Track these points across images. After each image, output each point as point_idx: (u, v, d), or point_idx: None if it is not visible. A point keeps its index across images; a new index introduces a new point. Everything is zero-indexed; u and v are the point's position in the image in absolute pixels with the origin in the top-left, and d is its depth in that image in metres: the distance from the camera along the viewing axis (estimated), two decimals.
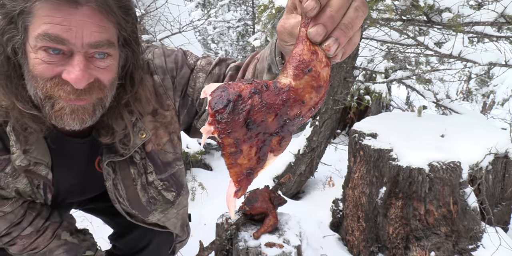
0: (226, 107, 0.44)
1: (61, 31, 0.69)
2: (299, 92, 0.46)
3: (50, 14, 0.68)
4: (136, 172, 1.03)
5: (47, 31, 0.69)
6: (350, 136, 2.20)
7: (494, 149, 1.91)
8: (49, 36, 0.69)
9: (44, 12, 0.68)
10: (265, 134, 0.47)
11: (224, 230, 1.61)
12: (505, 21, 1.85)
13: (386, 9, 1.93)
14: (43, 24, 0.69)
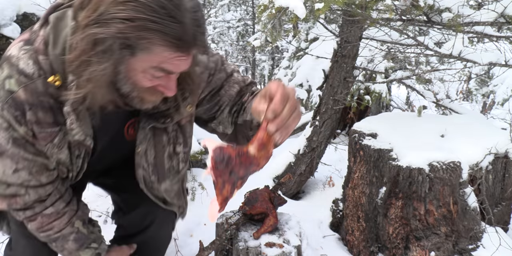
0: (222, 162, 0.82)
1: (172, 68, 0.87)
2: (258, 159, 0.83)
3: (165, 56, 0.83)
4: (167, 141, 1.16)
5: (164, 67, 0.85)
6: (350, 136, 2.20)
7: (494, 149, 1.91)
8: (164, 70, 0.86)
9: (161, 51, 0.82)
10: (236, 178, 0.84)
11: (224, 230, 1.61)
12: (505, 21, 1.85)
13: (386, 9, 1.93)
14: (158, 60, 0.83)
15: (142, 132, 1.10)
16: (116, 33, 0.77)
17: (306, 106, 6.26)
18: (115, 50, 0.80)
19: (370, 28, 2.53)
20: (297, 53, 6.94)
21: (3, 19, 2.51)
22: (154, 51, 0.81)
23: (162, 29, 0.78)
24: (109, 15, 0.77)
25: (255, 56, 12.36)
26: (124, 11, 0.76)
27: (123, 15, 0.76)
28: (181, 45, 0.82)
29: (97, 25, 0.78)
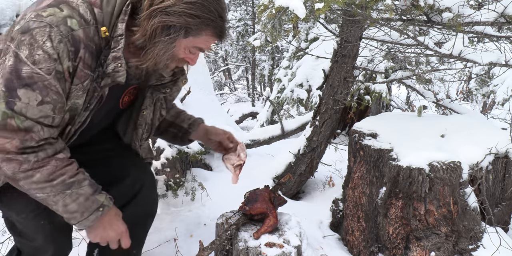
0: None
1: (205, 48, 1.24)
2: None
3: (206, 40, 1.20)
4: (159, 106, 1.47)
5: (201, 47, 1.22)
6: (350, 136, 2.20)
7: (494, 149, 1.91)
8: (200, 49, 1.24)
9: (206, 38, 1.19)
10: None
11: (224, 230, 1.61)
12: (506, 21, 1.85)
13: (386, 9, 1.93)
14: (200, 43, 1.20)
15: (149, 99, 1.40)
16: (185, 24, 1.13)
17: (306, 106, 6.26)
18: (180, 34, 1.15)
19: (370, 28, 2.53)
20: (297, 53, 6.94)
21: (3, 19, 2.51)
22: (202, 37, 1.19)
23: (214, 25, 1.17)
24: (178, 9, 1.10)
25: (255, 56, 12.36)
26: (192, 9, 1.12)
27: (192, 12, 1.12)
28: (220, 35, 1.21)
29: (166, 14, 1.10)
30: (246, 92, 15.43)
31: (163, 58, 1.19)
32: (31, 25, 1.06)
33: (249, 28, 12.83)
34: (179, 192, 2.55)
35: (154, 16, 1.11)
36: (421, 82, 2.90)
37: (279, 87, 6.83)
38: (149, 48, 1.16)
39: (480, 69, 6.50)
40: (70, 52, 1.08)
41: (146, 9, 1.12)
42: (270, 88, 11.81)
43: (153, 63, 1.20)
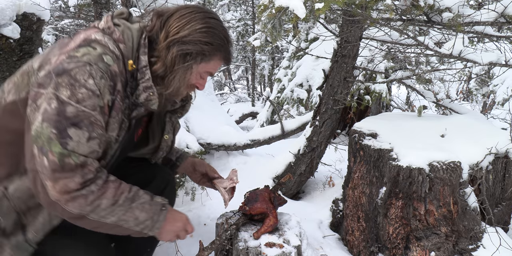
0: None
1: (214, 72, 1.37)
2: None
3: (216, 64, 1.34)
4: (177, 129, 1.60)
5: (211, 71, 1.35)
6: (350, 136, 2.20)
7: (494, 149, 1.91)
8: (210, 73, 1.37)
9: (215, 62, 1.33)
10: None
11: (224, 230, 1.61)
12: (506, 21, 1.85)
13: (386, 9, 1.93)
14: (211, 67, 1.34)
15: (169, 124, 1.52)
16: (200, 51, 1.26)
17: (306, 106, 6.26)
18: (196, 60, 1.27)
19: (370, 28, 2.53)
20: (297, 53, 6.94)
21: (3, 19, 2.50)
22: (212, 62, 1.32)
23: (225, 50, 1.32)
24: (194, 38, 1.24)
25: (255, 56, 12.35)
26: (206, 37, 1.25)
27: (206, 40, 1.26)
28: (228, 59, 1.36)
29: (182, 43, 1.23)
30: (246, 92, 15.42)
31: (183, 84, 1.31)
32: (66, 66, 1.11)
33: (249, 28, 12.83)
34: (179, 192, 2.56)
35: (172, 46, 1.23)
36: (421, 82, 2.90)
37: (279, 87, 6.83)
38: (170, 76, 1.27)
39: (480, 69, 6.50)
40: (110, 87, 1.16)
41: (163, 40, 1.24)
42: (270, 88, 11.81)
43: (175, 89, 1.31)
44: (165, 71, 1.27)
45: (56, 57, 1.14)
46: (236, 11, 13.73)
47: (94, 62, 1.13)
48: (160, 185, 1.60)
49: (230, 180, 1.65)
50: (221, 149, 3.60)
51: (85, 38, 1.18)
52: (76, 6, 8.87)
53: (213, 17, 1.30)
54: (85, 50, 1.14)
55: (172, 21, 1.25)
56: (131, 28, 1.26)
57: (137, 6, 3.72)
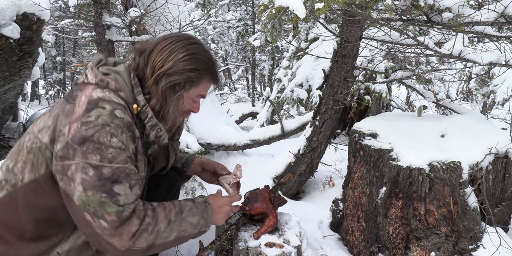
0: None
1: (205, 94, 1.42)
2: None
3: (205, 87, 1.40)
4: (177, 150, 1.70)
5: (203, 94, 1.41)
6: (350, 136, 2.20)
7: (494, 149, 1.91)
8: (202, 96, 1.41)
9: (205, 85, 1.38)
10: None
11: (224, 230, 1.61)
12: (506, 21, 1.85)
13: (386, 9, 1.93)
14: (201, 91, 1.39)
15: (172, 151, 1.61)
16: (187, 78, 1.31)
17: (306, 106, 6.26)
18: (186, 88, 1.32)
19: (370, 28, 2.53)
20: (297, 53, 6.94)
21: (3, 19, 2.51)
22: (203, 85, 1.37)
23: (211, 72, 1.37)
24: (178, 68, 1.28)
25: (255, 56, 12.35)
26: (191, 64, 1.30)
27: (191, 67, 1.30)
28: (217, 80, 1.42)
29: (169, 75, 1.28)
30: (246, 92, 15.43)
31: (178, 114, 1.37)
32: (85, 134, 1.15)
33: (249, 28, 12.83)
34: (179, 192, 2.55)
35: (160, 80, 1.28)
36: (421, 82, 2.90)
37: (279, 87, 6.83)
38: (165, 109, 1.34)
39: (480, 69, 6.50)
40: (131, 137, 1.23)
41: (151, 76, 1.29)
42: (270, 88, 11.81)
43: (172, 120, 1.38)
44: (160, 106, 1.33)
45: (67, 127, 1.17)
46: (236, 11, 13.73)
47: (110, 121, 1.18)
48: (168, 188, 1.70)
49: (234, 176, 1.66)
50: (221, 149, 3.60)
51: (89, 100, 1.21)
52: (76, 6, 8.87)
53: (193, 43, 1.34)
54: (96, 112, 1.18)
55: (155, 56, 1.29)
56: (119, 72, 1.31)
57: (137, 6, 3.72)
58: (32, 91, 16.70)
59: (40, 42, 2.96)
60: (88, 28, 11.79)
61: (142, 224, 1.19)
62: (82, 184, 1.13)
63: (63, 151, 1.15)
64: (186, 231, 1.31)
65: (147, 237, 1.20)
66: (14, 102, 3.36)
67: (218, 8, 12.51)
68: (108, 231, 1.14)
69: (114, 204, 1.14)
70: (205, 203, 1.39)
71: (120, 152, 1.18)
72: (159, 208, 1.27)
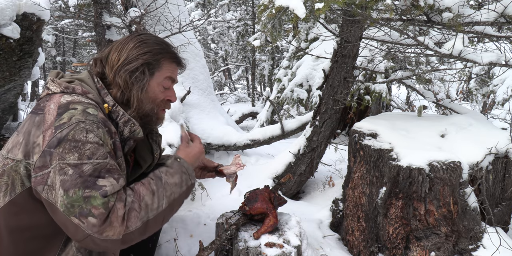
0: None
1: (174, 76, 1.44)
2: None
3: (169, 68, 1.40)
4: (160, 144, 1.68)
5: (170, 75, 1.41)
6: (350, 136, 2.20)
7: (494, 149, 1.91)
8: (171, 78, 1.42)
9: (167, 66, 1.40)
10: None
11: (224, 230, 1.61)
12: (506, 21, 1.85)
13: (386, 9, 1.93)
14: (166, 72, 1.39)
15: (154, 144, 1.60)
16: (143, 62, 1.33)
17: (306, 106, 6.26)
18: (145, 72, 1.34)
19: (370, 28, 2.53)
20: (297, 53, 6.94)
21: (3, 19, 2.50)
22: (165, 66, 1.38)
23: (167, 51, 1.39)
24: (133, 56, 1.32)
25: (255, 56, 12.35)
26: (143, 49, 1.34)
27: (144, 51, 1.33)
28: (177, 58, 1.42)
29: (126, 64, 1.31)
30: (246, 92, 15.42)
31: (145, 100, 1.37)
32: (60, 135, 1.13)
33: (249, 28, 12.83)
34: None
35: (118, 72, 1.32)
36: (421, 82, 2.91)
37: (279, 87, 6.83)
38: (129, 95, 1.35)
39: (480, 69, 6.50)
40: (107, 132, 1.22)
41: (110, 72, 1.34)
42: (270, 88, 11.80)
43: (139, 106, 1.37)
44: (122, 94, 1.34)
45: (41, 136, 1.15)
46: (236, 11, 13.73)
47: (84, 118, 1.17)
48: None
49: (237, 165, 1.66)
50: (221, 149, 3.60)
51: (59, 105, 1.20)
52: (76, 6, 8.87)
53: (142, 34, 1.40)
54: (68, 114, 1.17)
55: (111, 56, 1.35)
56: (82, 78, 1.34)
57: (137, 6, 3.72)
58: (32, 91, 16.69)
59: (40, 42, 2.96)
60: (88, 28, 11.79)
61: (125, 205, 1.17)
62: (62, 186, 1.10)
63: (41, 160, 1.13)
64: (174, 192, 1.30)
65: (136, 215, 1.17)
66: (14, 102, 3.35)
67: (218, 8, 12.51)
68: (97, 228, 1.11)
69: (100, 196, 1.11)
70: (176, 159, 1.40)
71: (98, 147, 1.16)
72: (137, 185, 1.25)
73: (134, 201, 1.19)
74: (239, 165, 1.65)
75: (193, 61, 4.15)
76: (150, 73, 1.35)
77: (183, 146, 1.51)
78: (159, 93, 1.40)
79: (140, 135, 1.37)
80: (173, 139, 2.80)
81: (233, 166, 1.67)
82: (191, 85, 3.94)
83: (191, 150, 1.49)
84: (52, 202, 1.12)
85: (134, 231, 1.17)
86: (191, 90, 3.86)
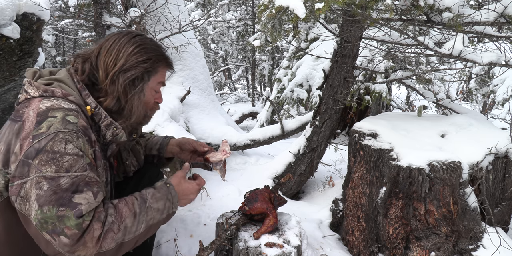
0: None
1: (164, 80, 1.43)
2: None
3: (163, 74, 1.41)
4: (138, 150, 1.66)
5: (162, 80, 1.41)
6: (350, 136, 2.20)
7: (494, 149, 1.91)
8: (161, 83, 1.42)
9: (162, 72, 1.40)
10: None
11: (224, 230, 1.61)
12: (506, 21, 1.85)
13: (386, 9, 1.93)
14: (159, 78, 1.39)
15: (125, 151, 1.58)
16: (144, 70, 1.31)
17: (306, 106, 6.26)
18: (145, 80, 1.33)
19: (370, 28, 2.53)
20: (297, 53, 6.94)
21: (3, 19, 2.50)
22: (160, 72, 1.38)
23: (164, 58, 1.38)
24: (132, 63, 1.28)
25: (255, 56, 12.35)
26: (142, 55, 1.30)
27: (144, 58, 1.30)
28: (170, 64, 1.43)
29: (125, 72, 1.28)
30: (246, 92, 15.42)
31: (142, 107, 1.37)
32: (38, 146, 1.09)
33: (249, 28, 12.82)
34: None
35: (117, 78, 1.27)
36: (421, 82, 2.91)
37: (279, 87, 6.83)
38: (128, 105, 1.32)
39: (480, 69, 6.50)
40: (87, 142, 1.18)
41: (105, 78, 1.28)
42: (270, 88, 11.80)
43: (141, 116, 1.38)
44: (119, 104, 1.31)
45: (18, 145, 1.11)
46: (236, 11, 13.73)
47: (63, 128, 1.12)
48: (152, 176, 1.68)
49: (223, 152, 1.60)
50: None
51: (38, 112, 1.15)
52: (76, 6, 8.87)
53: (136, 35, 1.34)
54: (47, 123, 1.12)
55: (104, 58, 1.28)
56: (61, 79, 1.27)
57: (137, 6, 3.72)
58: None
59: (40, 42, 2.96)
60: (88, 28, 11.79)
61: (104, 225, 1.13)
62: (37, 201, 1.06)
63: (18, 170, 1.09)
64: (154, 218, 1.26)
65: (113, 236, 1.14)
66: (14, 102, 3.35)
67: (218, 8, 12.51)
68: (69, 247, 1.07)
69: (74, 216, 1.07)
70: (166, 184, 1.35)
71: (78, 158, 1.12)
72: (121, 204, 1.20)
73: (114, 222, 1.15)
74: (225, 152, 1.59)
75: (193, 61, 4.15)
76: (148, 79, 1.34)
77: (181, 174, 1.42)
78: (151, 97, 1.40)
79: (123, 139, 1.34)
80: None
81: (219, 153, 1.61)
82: (191, 85, 3.94)
83: (190, 192, 1.40)
84: (26, 214, 1.09)
85: (106, 252, 1.14)
86: (191, 90, 3.86)
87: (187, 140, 1.75)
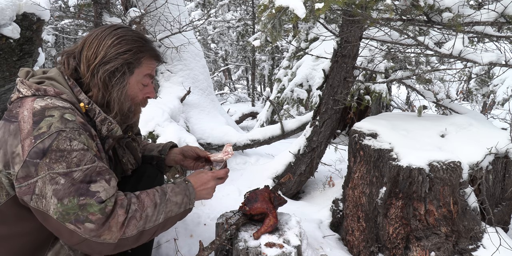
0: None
1: (152, 73, 1.40)
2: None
3: (149, 66, 1.37)
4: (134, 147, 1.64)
5: (148, 72, 1.38)
6: (350, 136, 2.20)
7: (494, 149, 1.91)
8: (149, 75, 1.39)
9: (147, 63, 1.36)
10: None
11: (224, 230, 1.61)
12: (506, 21, 1.85)
13: (386, 9, 1.93)
14: (145, 70, 1.36)
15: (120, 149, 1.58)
16: (124, 61, 1.29)
17: (306, 106, 6.26)
18: (126, 72, 1.30)
19: (370, 28, 2.53)
20: (297, 53, 6.94)
21: (3, 19, 2.50)
22: (145, 64, 1.35)
23: (147, 49, 1.35)
24: (111, 54, 1.27)
25: (255, 56, 12.35)
26: (122, 47, 1.28)
27: (123, 49, 1.28)
28: (157, 55, 1.39)
29: (104, 64, 1.27)
30: (246, 92, 15.42)
31: (125, 99, 1.34)
32: (42, 146, 1.11)
33: (249, 28, 12.82)
34: None
35: (96, 71, 1.27)
36: (421, 82, 2.90)
37: (279, 87, 6.83)
38: (110, 98, 1.31)
39: (480, 69, 6.50)
40: (89, 136, 1.22)
41: (87, 71, 1.28)
42: (270, 88, 11.80)
43: (120, 108, 1.35)
44: (103, 96, 1.31)
45: (19, 146, 1.12)
46: (236, 11, 13.73)
47: (64, 127, 1.15)
48: (151, 175, 1.71)
49: (225, 152, 1.62)
50: (221, 149, 3.60)
51: (34, 112, 1.16)
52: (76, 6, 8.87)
53: (118, 28, 1.33)
54: (46, 122, 1.14)
55: (85, 52, 1.28)
56: (52, 77, 1.28)
57: (137, 6, 3.72)
58: None
59: (40, 42, 2.96)
60: (88, 28, 11.79)
61: (128, 212, 1.19)
62: (55, 195, 1.10)
63: (23, 171, 1.10)
64: (172, 211, 1.31)
65: (135, 223, 1.20)
66: None
67: (218, 8, 12.51)
68: (95, 232, 1.12)
69: (96, 203, 1.12)
70: (185, 181, 1.41)
71: (84, 152, 1.16)
72: (143, 194, 1.27)
73: (137, 210, 1.21)
74: (226, 152, 1.61)
75: (193, 61, 4.15)
76: (130, 72, 1.32)
77: (200, 172, 1.49)
78: (138, 92, 1.38)
79: (118, 133, 1.35)
80: (173, 139, 2.80)
81: (221, 153, 1.63)
82: (191, 85, 3.94)
83: (207, 180, 1.46)
84: (43, 210, 1.11)
85: (129, 238, 1.19)
86: (191, 90, 3.86)
87: (189, 147, 1.76)
